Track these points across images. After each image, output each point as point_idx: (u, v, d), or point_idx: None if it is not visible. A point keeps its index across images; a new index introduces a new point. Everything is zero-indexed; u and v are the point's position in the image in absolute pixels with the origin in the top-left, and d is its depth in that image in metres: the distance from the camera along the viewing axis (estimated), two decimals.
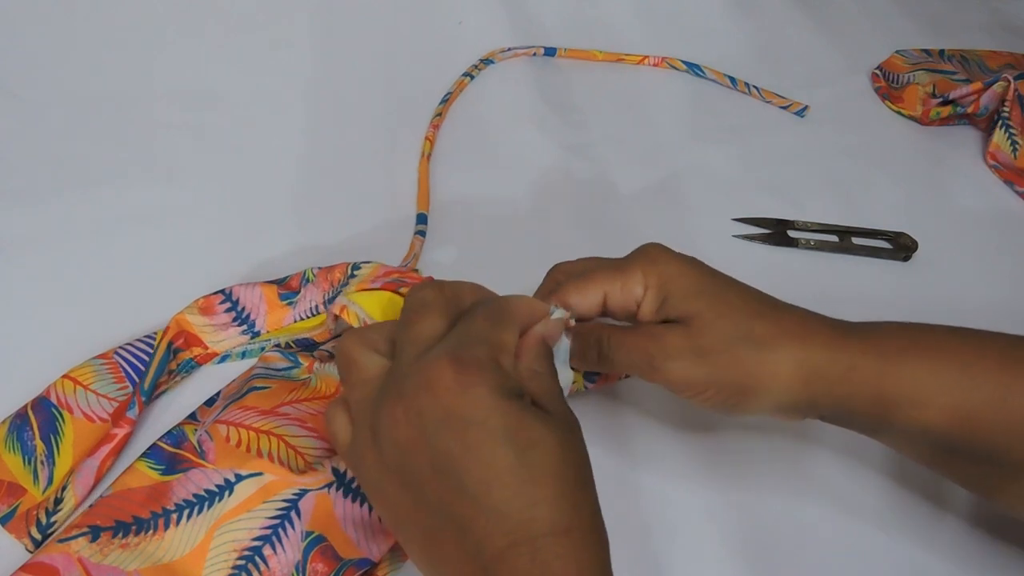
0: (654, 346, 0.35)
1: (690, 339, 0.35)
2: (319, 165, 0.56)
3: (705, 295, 0.36)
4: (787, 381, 0.34)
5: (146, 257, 0.48)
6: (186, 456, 0.38)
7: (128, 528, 0.35)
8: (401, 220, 0.53)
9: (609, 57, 0.62)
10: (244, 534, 0.35)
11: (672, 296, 0.36)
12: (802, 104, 0.66)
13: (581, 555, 0.28)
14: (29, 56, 0.60)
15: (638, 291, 0.37)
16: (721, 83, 0.67)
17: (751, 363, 0.34)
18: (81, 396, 0.39)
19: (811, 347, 0.35)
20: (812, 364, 0.34)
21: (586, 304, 0.37)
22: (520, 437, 0.28)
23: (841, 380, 0.34)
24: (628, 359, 0.36)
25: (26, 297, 0.45)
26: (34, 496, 0.37)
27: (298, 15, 0.67)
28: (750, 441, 0.44)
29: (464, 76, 0.55)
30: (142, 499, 0.36)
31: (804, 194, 0.59)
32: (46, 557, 0.34)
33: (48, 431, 0.38)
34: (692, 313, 0.35)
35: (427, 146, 0.57)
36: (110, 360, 0.41)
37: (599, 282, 0.37)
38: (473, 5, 0.70)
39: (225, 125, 0.57)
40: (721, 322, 0.35)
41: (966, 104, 0.65)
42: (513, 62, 0.62)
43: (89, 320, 0.44)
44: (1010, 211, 0.60)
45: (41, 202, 0.50)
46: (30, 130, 0.55)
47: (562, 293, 0.37)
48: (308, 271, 0.44)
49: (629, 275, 0.37)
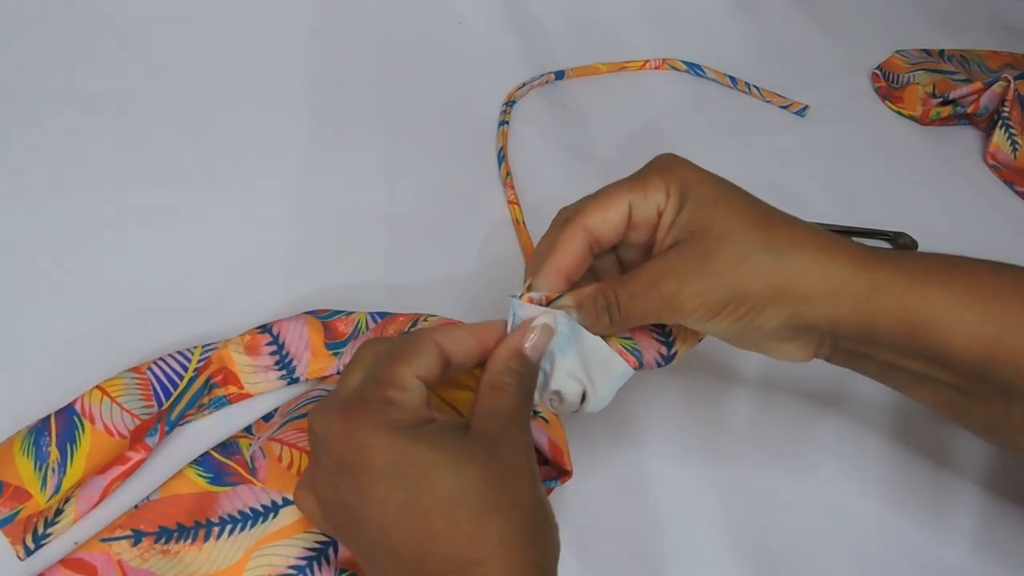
0: (667, 280, 0.33)
1: (704, 257, 0.32)
2: (319, 166, 0.56)
3: (721, 204, 0.33)
4: (808, 290, 0.32)
5: (146, 257, 0.48)
6: (236, 469, 0.37)
7: (171, 534, 0.35)
8: (406, 218, 0.53)
9: (612, 67, 0.62)
10: (281, 560, 0.35)
11: (687, 208, 0.34)
12: (802, 104, 0.66)
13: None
14: (29, 56, 0.60)
15: (660, 198, 0.34)
16: (721, 83, 0.67)
17: (769, 271, 0.32)
18: (107, 408, 0.38)
19: (836, 259, 0.32)
20: (837, 277, 0.32)
21: (611, 221, 0.35)
22: (408, 473, 0.27)
23: (866, 296, 0.32)
24: (644, 307, 0.33)
25: (26, 297, 0.45)
26: (38, 503, 0.36)
27: (298, 15, 0.67)
28: (755, 432, 0.44)
29: (502, 125, 0.55)
30: (188, 506, 0.36)
31: (804, 194, 0.59)
32: (87, 554, 0.34)
33: (66, 439, 0.37)
34: (705, 225, 0.33)
35: (517, 211, 0.54)
36: (142, 376, 0.40)
37: (622, 194, 0.35)
38: (473, 5, 0.70)
39: (225, 125, 0.57)
40: (737, 232, 0.33)
41: (966, 104, 0.65)
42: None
43: (89, 320, 0.44)
44: (1010, 211, 0.60)
45: (41, 202, 0.50)
46: (30, 130, 0.55)
47: (582, 215, 0.35)
48: (362, 320, 0.43)
49: (650, 183, 0.34)
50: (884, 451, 0.43)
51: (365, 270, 0.49)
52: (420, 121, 0.60)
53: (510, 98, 0.56)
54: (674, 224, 0.34)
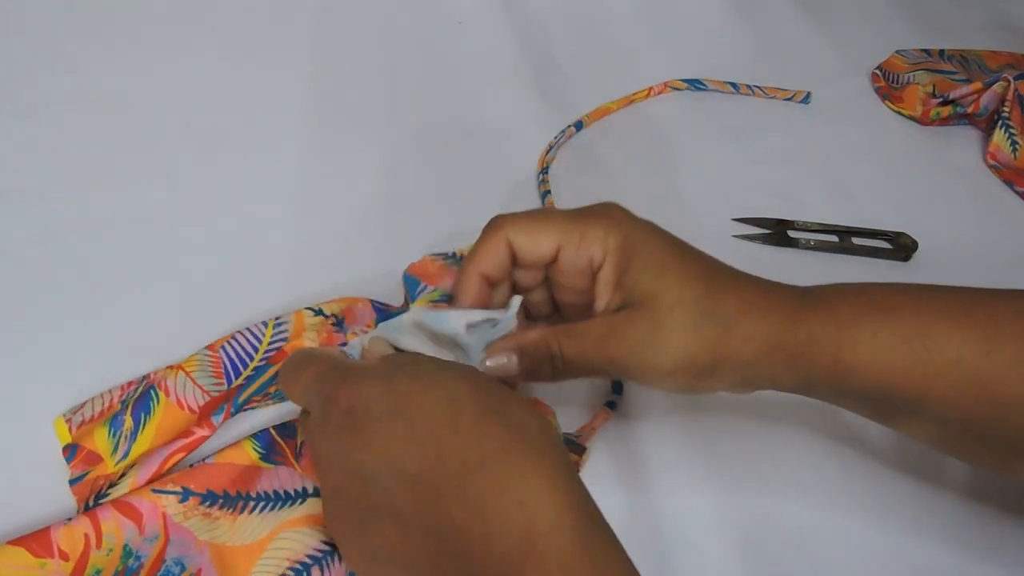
0: (617, 343, 0.34)
1: (654, 327, 0.33)
2: (319, 165, 0.56)
3: (668, 270, 0.34)
4: (752, 356, 0.34)
5: (146, 257, 0.48)
6: (285, 451, 0.38)
7: (216, 499, 0.36)
8: (405, 218, 0.53)
9: (622, 103, 0.64)
10: (300, 547, 0.35)
11: (633, 269, 0.34)
12: (805, 92, 0.66)
13: (510, 476, 0.27)
14: (29, 56, 0.60)
15: (597, 252, 0.35)
16: (724, 92, 0.67)
17: (717, 342, 0.33)
18: (181, 382, 0.40)
19: (773, 320, 0.34)
20: (775, 338, 0.34)
21: (535, 252, 0.35)
22: (404, 406, 0.29)
23: (802, 351, 0.34)
24: (589, 364, 0.34)
25: (26, 297, 0.45)
26: (107, 466, 0.37)
27: (298, 15, 0.67)
28: (751, 442, 0.43)
29: (546, 195, 0.55)
30: (236, 476, 0.37)
31: (804, 194, 0.59)
32: (136, 500, 0.35)
33: (141, 410, 0.38)
34: (655, 293, 0.34)
35: None
36: (215, 353, 0.41)
37: (556, 229, 0.35)
38: (473, 5, 0.70)
39: (225, 125, 0.57)
40: (688, 302, 0.33)
41: (966, 104, 0.65)
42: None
43: (89, 320, 0.44)
44: (1010, 211, 0.60)
45: (41, 202, 0.50)
46: (30, 130, 0.55)
47: (511, 229, 0.35)
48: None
49: (590, 232, 0.35)
50: (882, 470, 0.43)
51: (365, 271, 0.49)
52: (420, 121, 0.60)
53: (543, 164, 0.57)
54: (620, 285, 0.35)
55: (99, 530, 0.34)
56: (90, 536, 0.34)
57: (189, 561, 0.35)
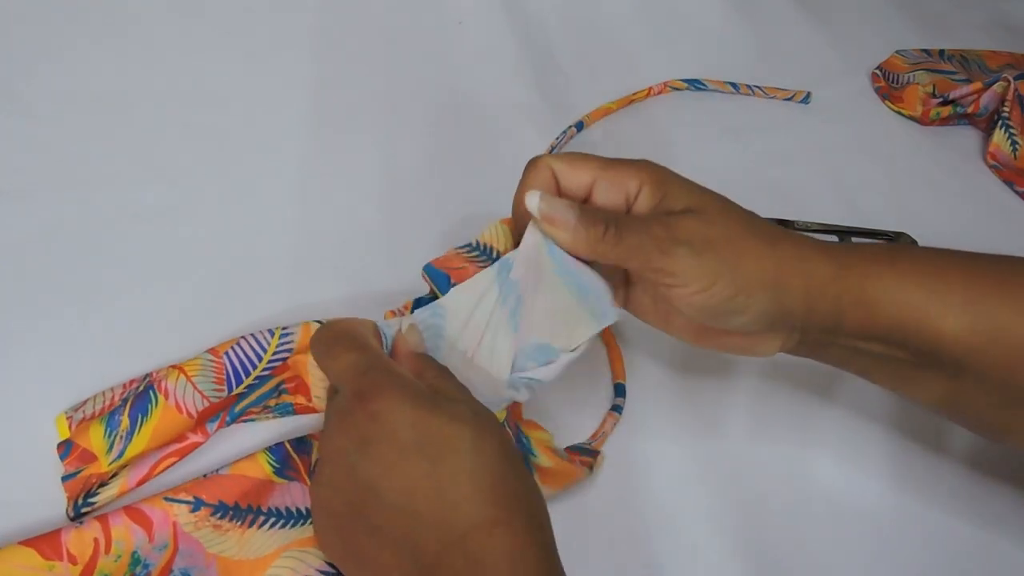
0: (666, 230, 0.34)
1: (702, 226, 0.34)
2: (319, 166, 0.56)
3: (707, 193, 0.36)
4: (788, 278, 0.34)
5: (146, 257, 0.48)
6: (299, 467, 0.38)
7: (227, 511, 0.36)
8: (406, 218, 0.53)
9: (622, 103, 0.64)
10: (303, 568, 0.35)
11: (673, 192, 0.35)
12: (805, 92, 0.66)
13: (514, 545, 0.28)
14: (29, 56, 0.60)
15: (631, 185, 0.36)
16: (724, 92, 0.67)
17: (760, 255, 0.34)
18: (181, 385, 0.39)
19: (804, 247, 0.35)
20: (808, 263, 0.35)
21: (576, 177, 0.36)
22: (433, 444, 0.29)
23: (833, 279, 0.34)
24: (638, 241, 0.34)
25: (26, 297, 0.45)
26: (100, 465, 0.37)
27: (298, 15, 0.67)
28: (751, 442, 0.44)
29: None
30: (248, 488, 0.37)
31: (804, 194, 0.59)
32: (147, 507, 0.35)
33: (138, 411, 0.38)
34: (698, 205, 0.35)
35: None
36: (219, 359, 0.41)
37: (594, 163, 0.36)
38: (473, 5, 0.70)
39: (225, 125, 0.57)
40: (729, 214, 0.35)
41: (966, 104, 0.65)
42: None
43: (89, 320, 0.44)
44: (1010, 211, 0.60)
45: (41, 202, 0.50)
46: (30, 130, 0.55)
47: (551, 159, 0.36)
48: None
49: (624, 166, 0.36)
50: (884, 441, 0.44)
51: (365, 271, 0.49)
52: (420, 121, 0.60)
53: None
54: (658, 207, 0.35)
55: (109, 535, 0.34)
56: (100, 541, 0.34)
57: (196, 573, 0.35)
